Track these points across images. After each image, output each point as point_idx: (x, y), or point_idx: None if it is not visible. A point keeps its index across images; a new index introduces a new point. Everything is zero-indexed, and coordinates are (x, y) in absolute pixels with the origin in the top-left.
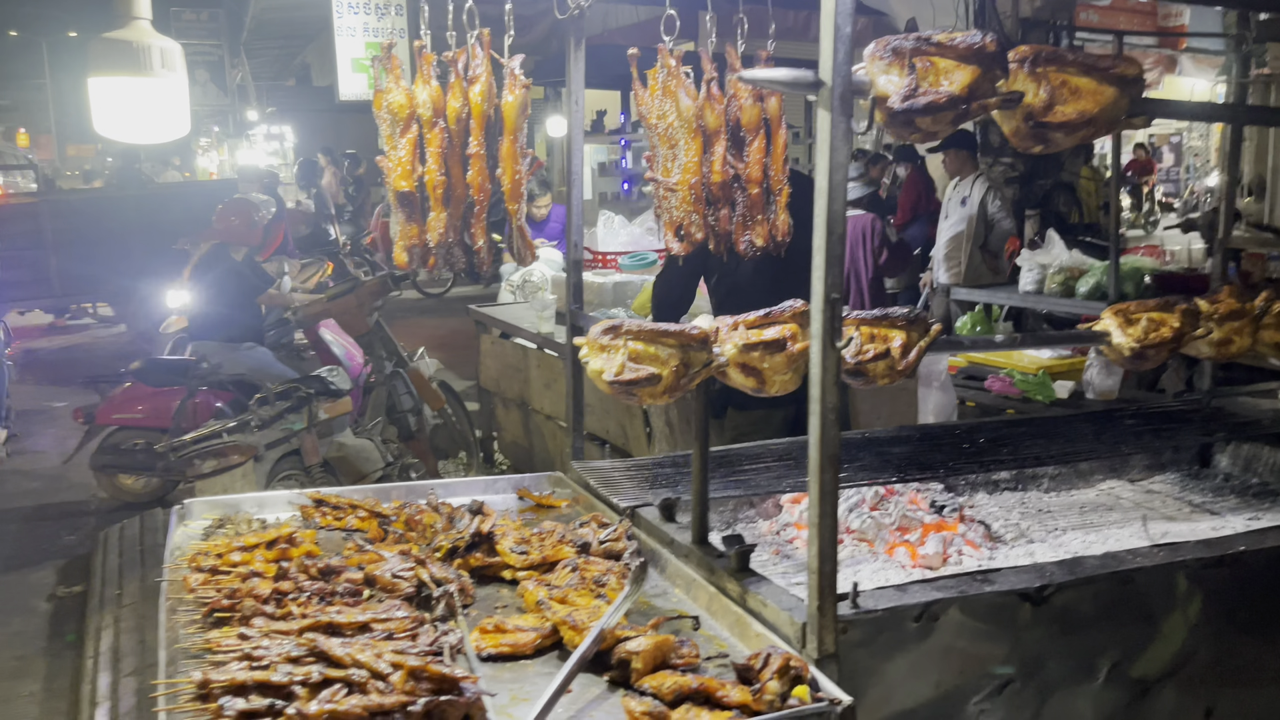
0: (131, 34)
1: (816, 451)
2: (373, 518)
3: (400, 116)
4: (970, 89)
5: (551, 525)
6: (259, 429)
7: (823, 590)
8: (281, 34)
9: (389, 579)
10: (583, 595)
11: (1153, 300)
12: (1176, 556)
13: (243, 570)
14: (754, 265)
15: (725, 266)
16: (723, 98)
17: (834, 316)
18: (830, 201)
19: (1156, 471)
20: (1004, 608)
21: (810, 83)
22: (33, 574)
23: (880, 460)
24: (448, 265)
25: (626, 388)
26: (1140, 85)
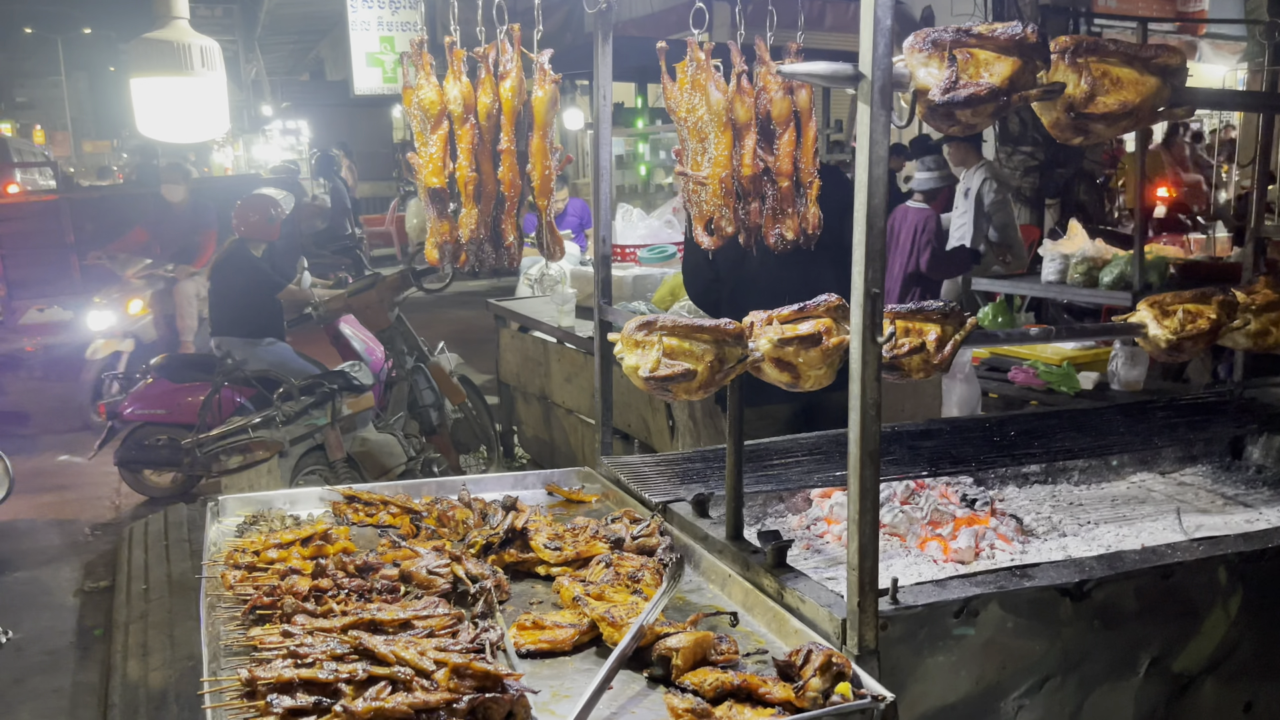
0: (172, 34)
1: (857, 447)
2: (405, 514)
3: (432, 113)
4: (1011, 80)
5: (584, 521)
6: (284, 425)
7: (863, 586)
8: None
9: (425, 575)
10: (619, 591)
11: (1189, 291)
12: (1216, 550)
13: (280, 567)
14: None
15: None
16: (753, 90)
17: (875, 311)
18: (870, 196)
19: (1188, 464)
20: (1044, 603)
21: (850, 76)
22: (60, 569)
23: (911, 454)
24: (478, 261)
25: (662, 384)
26: (1183, 75)
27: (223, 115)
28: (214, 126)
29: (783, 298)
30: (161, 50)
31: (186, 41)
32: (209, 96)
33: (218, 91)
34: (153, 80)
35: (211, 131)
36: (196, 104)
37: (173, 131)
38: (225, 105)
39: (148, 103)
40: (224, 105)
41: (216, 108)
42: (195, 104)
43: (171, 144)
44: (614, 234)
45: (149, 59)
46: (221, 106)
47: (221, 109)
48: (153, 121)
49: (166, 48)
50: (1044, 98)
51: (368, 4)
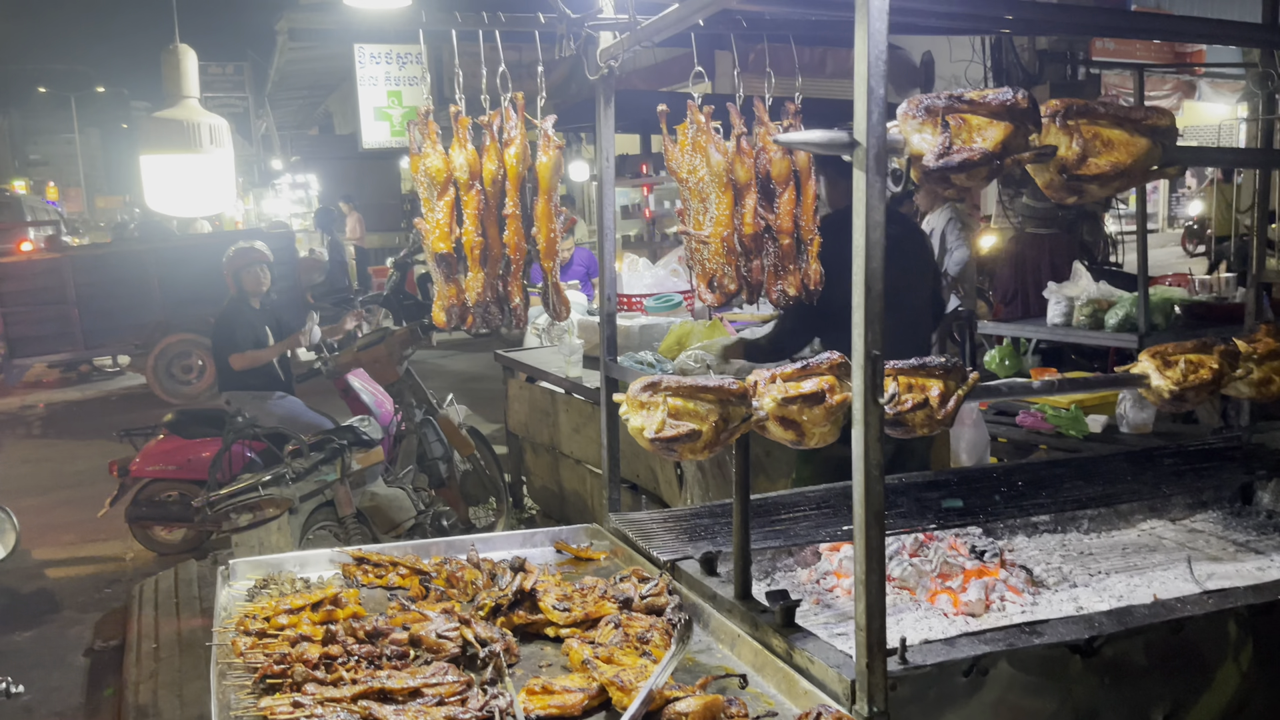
0: (182, 113)
1: (861, 508)
2: (414, 575)
3: (438, 180)
4: (1004, 144)
5: (593, 581)
6: (294, 481)
7: (871, 647)
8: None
9: (434, 639)
10: (628, 654)
11: (1190, 341)
12: (1226, 603)
13: (290, 634)
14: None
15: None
16: (752, 151)
17: (875, 373)
18: (868, 260)
19: (1198, 510)
20: (1054, 660)
21: (846, 144)
22: (70, 628)
23: (919, 506)
24: (485, 324)
25: (667, 444)
26: (1173, 135)
27: (229, 190)
28: (220, 201)
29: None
30: (172, 129)
31: (196, 120)
32: (216, 173)
33: (225, 168)
34: (162, 157)
35: (218, 206)
36: (204, 180)
37: (180, 206)
38: (232, 180)
39: (157, 179)
40: (231, 180)
41: (223, 183)
42: (203, 180)
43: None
44: (620, 283)
45: (159, 137)
46: (228, 182)
47: (228, 184)
48: (161, 197)
49: (176, 127)
50: (1037, 160)
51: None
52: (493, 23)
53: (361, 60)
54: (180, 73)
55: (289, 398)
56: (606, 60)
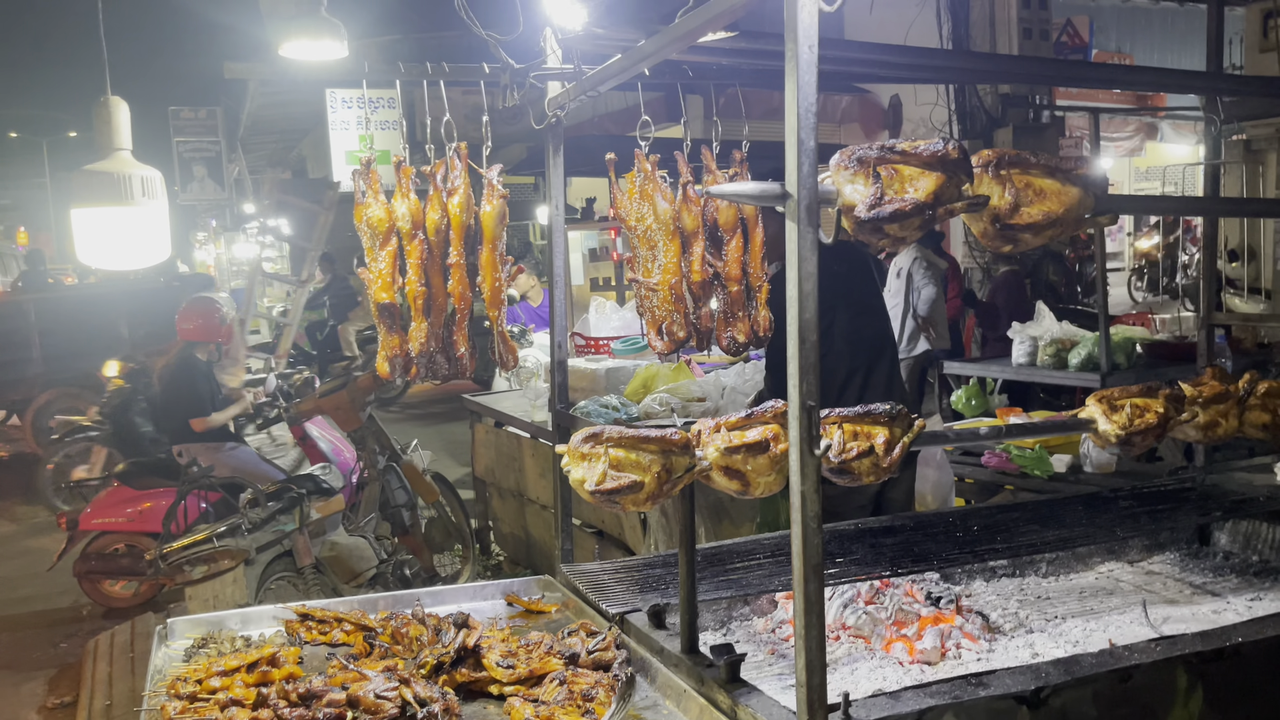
0: (114, 165)
1: (799, 561)
2: (358, 631)
3: (380, 230)
4: (935, 195)
5: (539, 636)
6: (250, 532)
7: (812, 704)
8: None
9: (372, 700)
10: (569, 713)
11: (1136, 386)
12: (1175, 650)
13: (222, 698)
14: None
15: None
16: (699, 199)
17: (811, 424)
18: (801, 310)
19: (1155, 552)
20: (1001, 712)
21: (777, 195)
22: (24, 684)
23: (873, 553)
24: (431, 374)
25: (608, 496)
26: (1104, 185)
27: (164, 242)
28: (154, 253)
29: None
30: (103, 181)
31: (128, 173)
32: (150, 225)
33: (159, 219)
34: (94, 210)
35: (152, 259)
36: (137, 232)
37: (113, 259)
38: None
39: (89, 232)
40: (165, 232)
41: (157, 235)
42: (136, 232)
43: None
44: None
45: (91, 190)
46: (163, 233)
47: (163, 236)
48: (93, 250)
49: (108, 179)
50: (969, 210)
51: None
52: (436, 72)
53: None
54: (112, 125)
55: (241, 447)
56: (554, 109)
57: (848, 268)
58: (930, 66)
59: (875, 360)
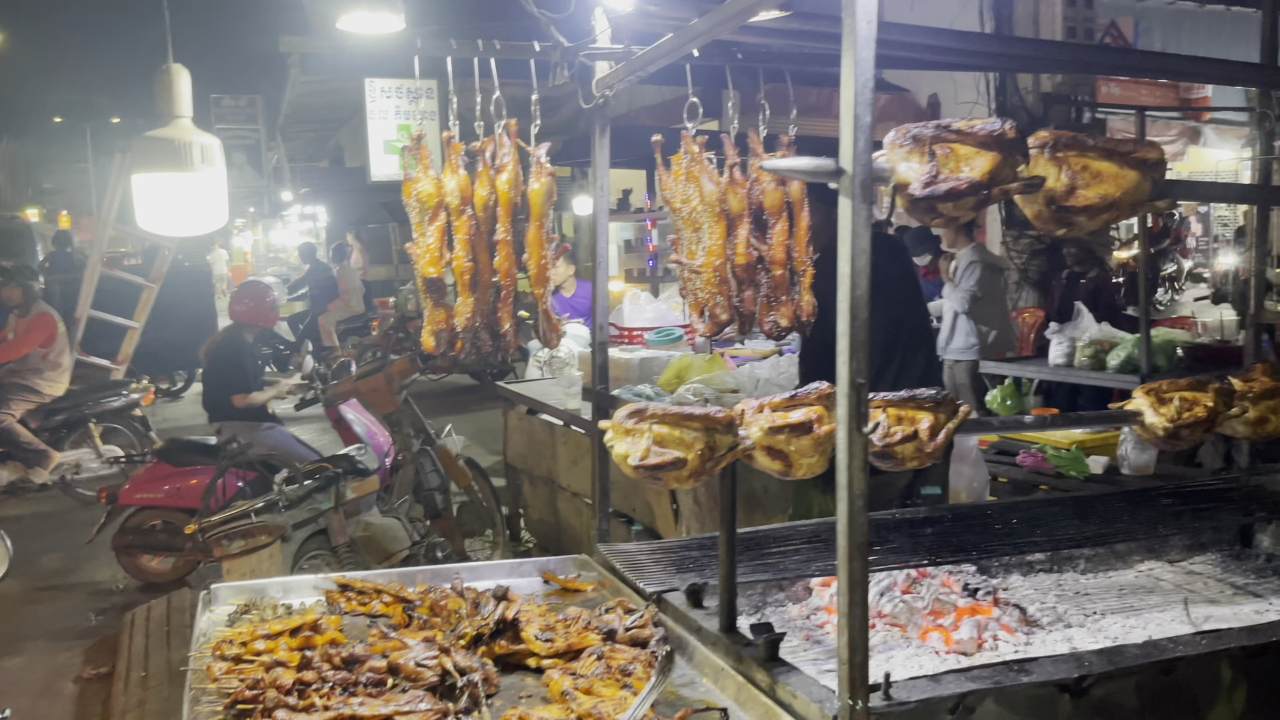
0: (174, 132)
1: (845, 539)
2: (397, 603)
3: (429, 205)
4: (991, 175)
5: (576, 611)
6: (286, 509)
7: (853, 682)
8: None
9: (413, 668)
10: (608, 685)
11: (1185, 379)
12: (1220, 644)
13: (266, 659)
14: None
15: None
16: (745, 181)
17: (860, 401)
18: (853, 288)
19: (1196, 552)
20: (1042, 699)
21: (831, 171)
22: (61, 654)
23: (912, 542)
24: (475, 349)
25: (652, 472)
26: (1162, 168)
27: (221, 209)
28: (212, 220)
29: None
30: (163, 148)
31: (188, 140)
32: (208, 191)
33: (217, 186)
34: (154, 176)
35: (209, 225)
36: (196, 199)
37: (172, 225)
38: (224, 199)
39: (148, 198)
40: (223, 199)
41: (215, 202)
42: (195, 199)
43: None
44: (622, 317)
45: (151, 156)
46: (220, 201)
47: (220, 203)
48: (153, 216)
49: (168, 146)
50: (1024, 191)
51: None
52: (488, 50)
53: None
54: (173, 93)
55: (278, 428)
56: (602, 90)
57: (886, 257)
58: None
59: (911, 352)
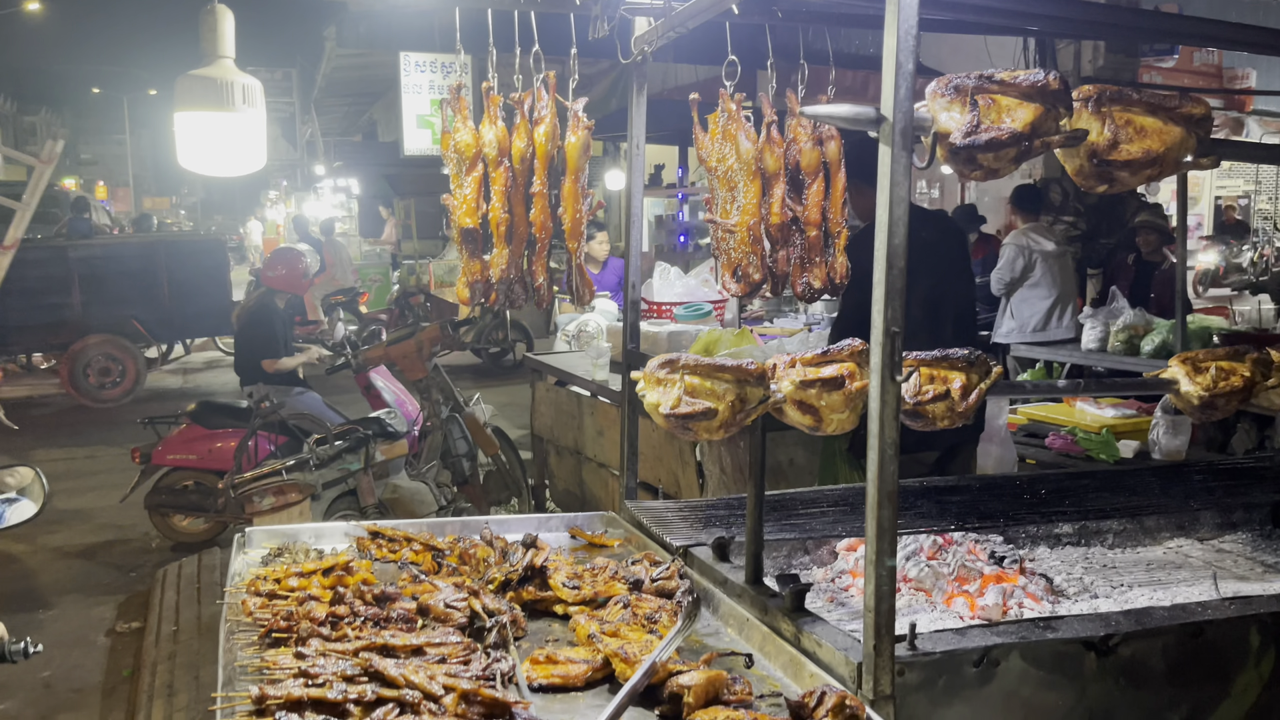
0: (216, 71)
1: (874, 488)
2: (427, 551)
3: (467, 156)
4: (1033, 126)
5: (604, 562)
6: (317, 468)
7: (879, 630)
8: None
9: (442, 609)
10: (635, 630)
11: (1222, 349)
12: (1249, 610)
13: (299, 595)
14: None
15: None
16: (782, 141)
17: (894, 350)
18: (890, 236)
19: (1227, 530)
20: (1068, 656)
21: (872, 119)
22: (93, 609)
23: (939, 508)
24: (509, 301)
25: (682, 421)
26: (1208, 125)
27: (261, 151)
28: (252, 161)
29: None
30: (205, 87)
31: (230, 79)
32: (249, 132)
33: (257, 128)
34: (196, 115)
35: (250, 166)
36: (237, 139)
37: (213, 165)
38: (263, 141)
39: (190, 137)
40: (262, 141)
41: (255, 143)
42: (236, 139)
43: (223, 201)
44: (652, 292)
45: (193, 95)
46: (260, 142)
47: (260, 145)
48: (194, 155)
49: (210, 84)
50: (1066, 144)
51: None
52: (528, 3)
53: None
54: (217, 33)
55: (309, 393)
56: (640, 46)
57: (938, 236)
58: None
59: (949, 331)
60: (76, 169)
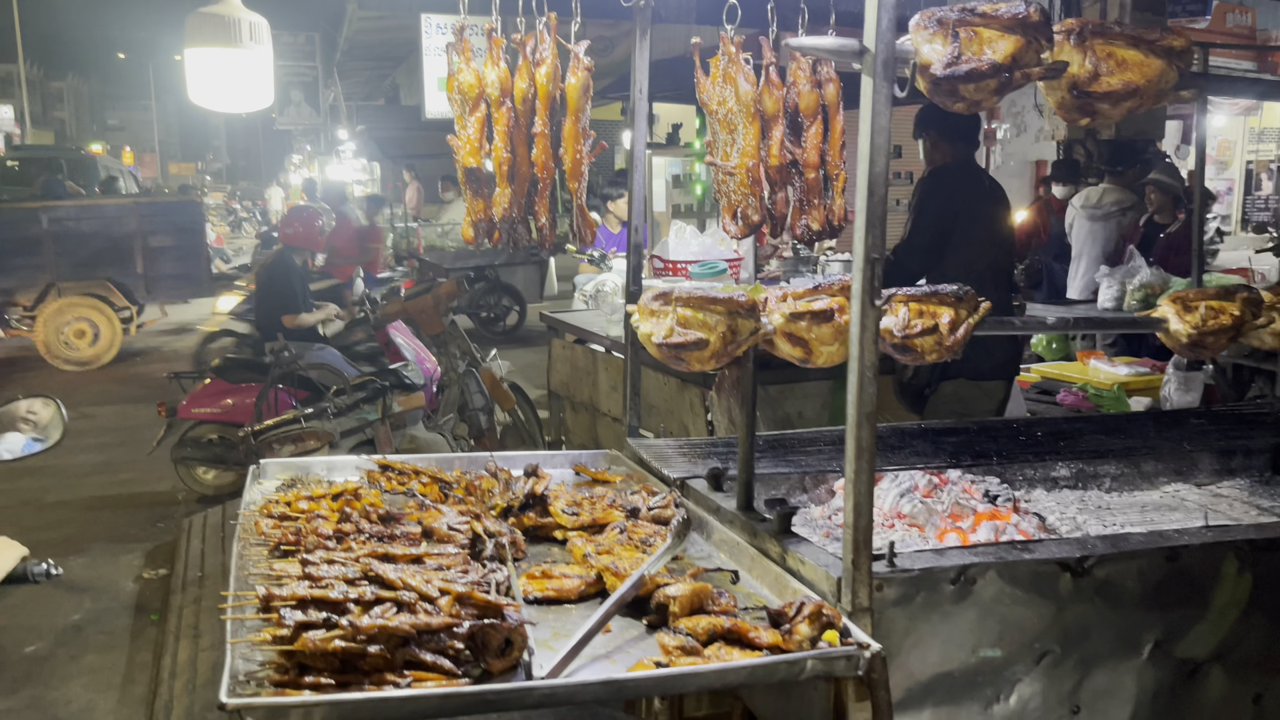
0: (224, 9)
1: (854, 409)
2: (434, 483)
3: (470, 96)
4: (1014, 57)
5: (603, 490)
6: (335, 417)
7: (857, 544)
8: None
9: (445, 530)
10: (628, 549)
11: (1213, 288)
12: (1226, 536)
13: (309, 515)
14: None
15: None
16: (781, 84)
17: (874, 276)
18: (871, 165)
19: (1225, 476)
20: (1044, 576)
21: (855, 51)
22: (123, 556)
23: (934, 448)
24: (512, 241)
25: (674, 351)
26: (1188, 57)
27: (268, 89)
28: (259, 98)
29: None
30: (214, 24)
31: (237, 17)
32: (256, 69)
33: (264, 65)
34: (205, 51)
35: (257, 102)
36: (244, 76)
37: (222, 101)
38: (271, 79)
39: (200, 72)
40: (269, 79)
41: (262, 81)
42: (243, 76)
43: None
44: (667, 250)
45: (202, 31)
46: (267, 80)
47: (267, 83)
48: (204, 91)
49: (219, 21)
50: (1047, 76)
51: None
52: None
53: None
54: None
55: (328, 349)
56: None
57: (975, 196)
58: None
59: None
60: (104, 135)
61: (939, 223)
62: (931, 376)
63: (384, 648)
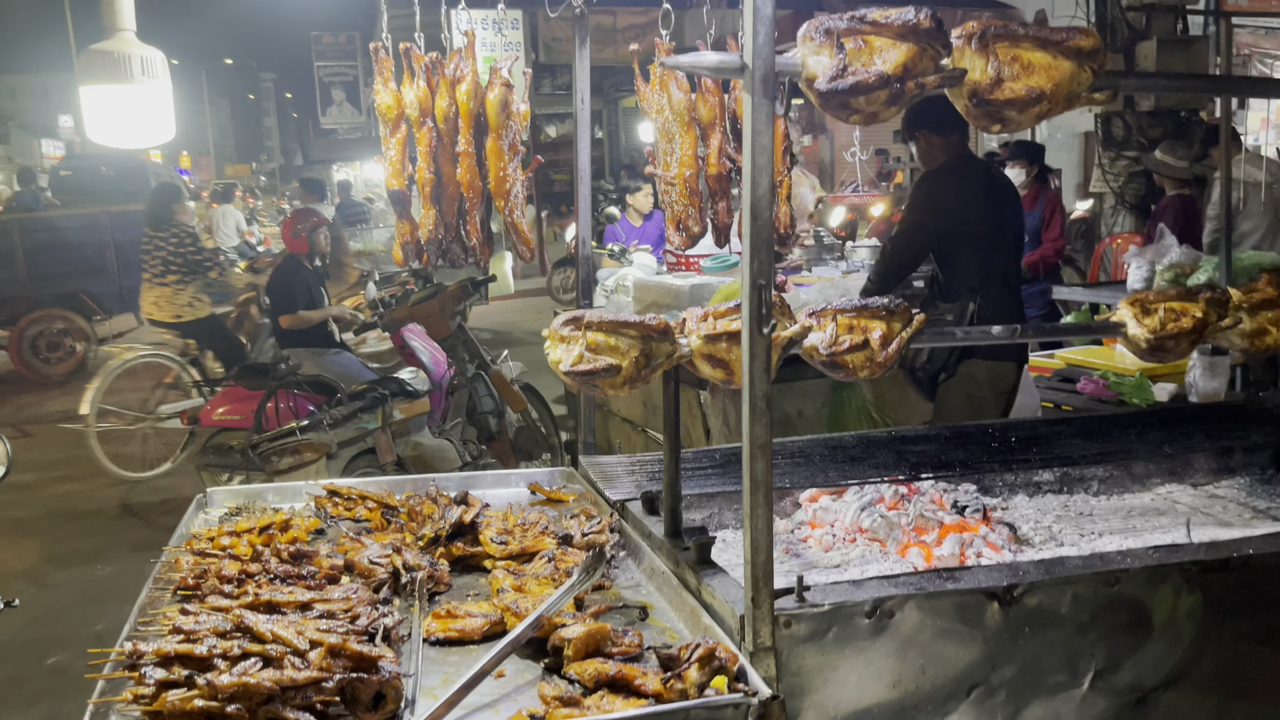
0: (116, 45)
1: (748, 440)
2: (380, 509)
3: (389, 117)
4: (905, 67)
5: (537, 516)
6: (331, 427)
7: (756, 581)
8: None
9: (366, 565)
10: (543, 584)
11: (1175, 289)
12: (1171, 559)
13: (227, 553)
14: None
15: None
16: (718, 91)
17: (761, 302)
18: (754, 186)
19: (1224, 475)
20: (968, 607)
21: (736, 67)
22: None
23: (896, 458)
24: (447, 261)
25: (585, 378)
26: (1100, 57)
27: (167, 122)
28: (159, 133)
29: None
30: (104, 60)
31: (128, 52)
32: (152, 103)
33: (161, 99)
34: (99, 88)
35: (156, 138)
36: (140, 111)
37: (119, 137)
38: (170, 112)
39: (95, 110)
40: (168, 112)
41: (160, 114)
42: (139, 111)
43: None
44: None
45: (94, 69)
46: (165, 114)
47: (166, 116)
48: (100, 128)
49: (109, 58)
50: (943, 85)
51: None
52: None
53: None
54: (115, 6)
55: (344, 353)
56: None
57: (983, 193)
58: None
59: (992, 289)
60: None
61: (934, 228)
62: (948, 360)
63: (245, 706)
